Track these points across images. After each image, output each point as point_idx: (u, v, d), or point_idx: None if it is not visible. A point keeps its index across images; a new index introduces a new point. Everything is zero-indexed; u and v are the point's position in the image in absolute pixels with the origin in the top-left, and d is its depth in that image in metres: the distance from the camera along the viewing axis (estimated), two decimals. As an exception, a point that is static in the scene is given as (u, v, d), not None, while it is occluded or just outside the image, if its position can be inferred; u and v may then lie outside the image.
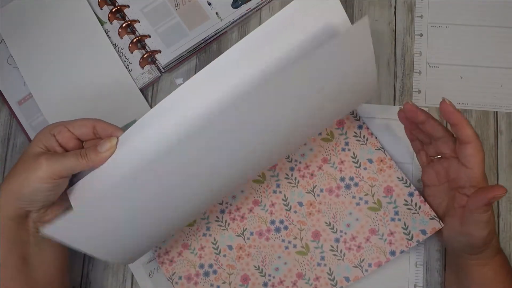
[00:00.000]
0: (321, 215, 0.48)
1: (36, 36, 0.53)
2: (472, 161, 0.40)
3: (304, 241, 0.48)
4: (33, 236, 0.40)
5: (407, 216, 0.47)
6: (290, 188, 0.49)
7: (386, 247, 0.47)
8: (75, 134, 0.40)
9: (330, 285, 0.46)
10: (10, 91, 0.53)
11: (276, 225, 0.48)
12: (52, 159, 0.38)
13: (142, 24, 0.53)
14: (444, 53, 0.53)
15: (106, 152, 0.39)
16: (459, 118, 0.39)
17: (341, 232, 0.47)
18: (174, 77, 0.54)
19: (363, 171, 0.48)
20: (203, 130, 0.35)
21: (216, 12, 0.53)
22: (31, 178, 0.38)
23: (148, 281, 0.48)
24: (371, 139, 0.49)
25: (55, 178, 0.38)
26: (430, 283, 0.48)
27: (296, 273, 0.47)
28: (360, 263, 0.46)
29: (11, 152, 0.52)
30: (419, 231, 0.46)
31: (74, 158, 0.38)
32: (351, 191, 0.48)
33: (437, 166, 0.44)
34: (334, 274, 0.47)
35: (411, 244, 0.46)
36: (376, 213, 0.47)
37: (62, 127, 0.40)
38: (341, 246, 0.47)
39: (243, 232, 0.48)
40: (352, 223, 0.47)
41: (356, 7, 0.54)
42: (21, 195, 0.38)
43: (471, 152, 0.39)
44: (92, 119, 0.41)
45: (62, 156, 0.39)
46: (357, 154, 0.49)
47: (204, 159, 0.37)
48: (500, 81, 0.52)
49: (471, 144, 0.39)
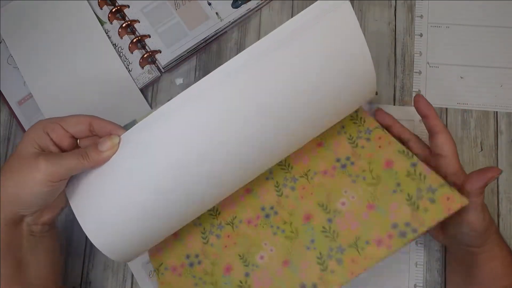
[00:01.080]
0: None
1: (36, 36, 0.53)
2: (446, 148, 0.42)
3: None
4: (26, 239, 0.39)
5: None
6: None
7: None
8: (69, 132, 0.38)
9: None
10: (10, 91, 0.53)
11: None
12: (51, 160, 0.36)
13: (142, 24, 0.53)
14: (444, 53, 0.53)
15: (108, 151, 0.37)
16: (430, 110, 0.43)
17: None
18: (174, 77, 0.54)
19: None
20: (210, 128, 0.35)
21: (216, 12, 0.53)
22: (29, 181, 0.36)
23: (148, 281, 0.48)
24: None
25: (55, 180, 0.36)
26: (430, 283, 0.48)
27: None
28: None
29: (11, 152, 0.52)
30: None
31: (74, 158, 0.37)
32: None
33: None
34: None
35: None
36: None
37: (55, 125, 0.38)
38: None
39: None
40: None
41: (356, 7, 0.54)
42: (18, 199, 0.37)
43: (443, 140, 0.42)
44: (87, 116, 0.39)
45: (61, 156, 0.37)
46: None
47: (214, 155, 0.37)
48: (500, 81, 0.52)
49: (441, 134, 0.42)
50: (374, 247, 0.39)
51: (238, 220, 0.46)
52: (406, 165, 0.41)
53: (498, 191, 0.50)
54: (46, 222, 0.40)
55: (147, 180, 0.37)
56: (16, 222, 0.38)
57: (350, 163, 0.44)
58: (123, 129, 0.39)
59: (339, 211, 0.42)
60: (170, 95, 0.53)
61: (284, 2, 0.55)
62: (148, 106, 0.52)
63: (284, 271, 0.42)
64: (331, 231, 0.41)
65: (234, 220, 0.46)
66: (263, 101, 0.38)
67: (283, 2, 0.55)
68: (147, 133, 0.38)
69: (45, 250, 0.40)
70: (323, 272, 0.40)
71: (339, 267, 0.40)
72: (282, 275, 0.42)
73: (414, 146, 0.46)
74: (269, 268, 0.43)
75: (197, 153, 0.37)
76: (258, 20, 0.55)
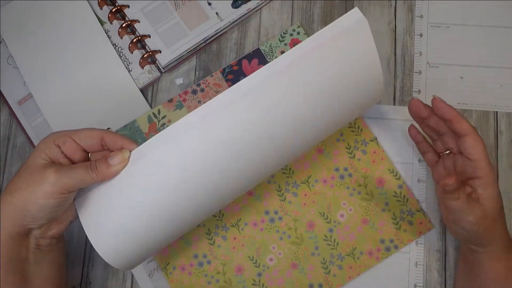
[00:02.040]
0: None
1: (36, 36, 0.53)
2: (474, 152, 0.40)
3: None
4: (32, 253, 0.38)
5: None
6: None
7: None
8: (81, 145, 0.38)
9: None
10: (10, 91, 0.53)
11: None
12: (61, 172, 0.36)
13: (142, 24, 0.53)
14: (444, 53, 0.53)
15: (118, 166, 0.37)
16: (452, 113, 0.41)
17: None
18: (174, 77, 0.54)
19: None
20: (220, 141, 0.36)
21: (216, 12, 0.53)
22: (38, 193, 0.35)
23: (148, 281, 0.48)
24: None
25: (64, 192, 0.36)
26: (430, 283, 0.48)
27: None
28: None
29: (11, 152, 0.52)
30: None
31: (83, 171, 0.36)
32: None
33: (446, 161, 0.44)
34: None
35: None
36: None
37: (67, 138, 0.38)
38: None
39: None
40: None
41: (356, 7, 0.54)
42: (26, 212, 0.36)
43: (471, 144, 0.40)
44: (100, 130, 0.38)
45: (70, 169, 0.36)
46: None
47: (223, 166, 0.38)
48: (500, 81, 0.52)
49: (469, 136, 0.40)
50: (366, 257, 0.48)
51: (243, 222, 0.49)
52: (394, 186, 0.49)
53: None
54: (54, 235, 0.39)
55: (157, 196, 0.37)
56: (23, 236, 0.38)
57: (347, 174, 0.49)
58: (136, 144, 0.39)
59: (339, 222, 0.48)
60: (170, 95, 0.53)
61: (284, 2, 0.55)
62: (148, 106, 0.52)
63: (293, 273, 0.48)
64: (332, 240, 0.48)
65: (239, 223, 0.49)
66: (275, 118, 0.38)
67: (283, 2, 0.55)
68: (159, 150, 0.37)
69: (51, 264, 0.40)
70: (327, 275, 0.48)
71: (340, 272, 0.48)
72: (291, 276, 0.48)
73: (449, 141, 0.43)
74: (279, 269, 0.48)
75: (209, 169, 0.38)
76: (258, 20, 0.55)
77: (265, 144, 0.38)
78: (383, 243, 0.48)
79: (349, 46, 0.39)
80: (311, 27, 0.54)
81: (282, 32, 0.53)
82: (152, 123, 0.50)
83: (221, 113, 0.37)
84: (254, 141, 0.38)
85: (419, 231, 0.48)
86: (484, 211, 0.40)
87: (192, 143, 0.37)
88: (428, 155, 0.46)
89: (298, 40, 0.52)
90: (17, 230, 0.37)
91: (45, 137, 0.38)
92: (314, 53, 0.38)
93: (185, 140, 0.37)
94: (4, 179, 0.52)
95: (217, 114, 0.37)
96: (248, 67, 0.52)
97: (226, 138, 0.37)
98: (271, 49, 0.52)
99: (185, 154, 0.37)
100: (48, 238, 0.39)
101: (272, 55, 0.52)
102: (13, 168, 0.52)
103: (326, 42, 0.38)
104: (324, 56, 0.38)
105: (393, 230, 0.48)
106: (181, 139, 0.37)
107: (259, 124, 0.38)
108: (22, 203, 0.36)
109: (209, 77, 0.52)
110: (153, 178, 0.37)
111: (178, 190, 0.37)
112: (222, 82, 0.51)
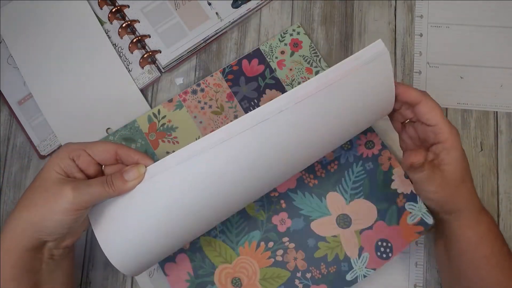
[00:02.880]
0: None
1: (36, 36, 0.53)
2: (430, 118, 0.40)
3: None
4: (46, 264, 0.39)
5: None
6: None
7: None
8: (95, 159, 0.38)
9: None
10: (10, 91, 0.53)
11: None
12: (78, 189, 0.36)
13: (142, 24, 0.53)
14: (444, 53, 0.53)
15: (134, 181, 0.37)
16: (401, 86, 0.41)
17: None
18: (174, 77, 0.54)
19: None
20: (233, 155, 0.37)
21: (216, 12, 0.53)
22: (55, 210, 0.35)
23: (148, 281, 0.48)
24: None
25: (81, 209, 0.36)
26: (430, 283, 0.48)
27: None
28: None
29: (11, 152, 0.52)
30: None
31: (100, 187, 0.36)
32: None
33: (408, 130, 0.44)
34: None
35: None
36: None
37: (81, 151, 0.38)
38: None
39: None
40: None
41: (356, 7, 0.54)
42: (43, 227, 0.36)
43: (425, 110, 0.40)
44: (114, 144, 0.39)
45: (87, 185, 0.36)
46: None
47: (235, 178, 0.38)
48: (500, 81, 0.52)
49: (421, 103, 0.40)
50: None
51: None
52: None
53: (498, 191, 0.50)
54: (67, 245, 0.40)
55: (171, 214, 0.38)
56: (38, 248, 0.38)
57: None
58: (151, 160, 0.39)
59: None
60: (170, 95, 0.53)
61: (284, 2, 0.55)
62: (148, 106, 0.52)
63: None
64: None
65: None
66: (289, 149, 0.39)
67: (283, 2, 0.55)
68: (173, 169, 0.37)
69: (62, 272, 0.41)
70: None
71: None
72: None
73: (406, 112, 0.42)
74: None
75: (223, 193, 0.38)
76: (258, 20, 0.55)
77: (275, 166, 0.39)
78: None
79: (369, 78, 0.39)
80: (311, 27, 0.54)
81: (282, 32, 0.53)
82: (152, 123, 0.50)
83: (239, 140, 0.37)
84: (268, 164, 0.38)
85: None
86: (445, 178, 0.40)
87: (206, 167, 0.37)
88: (395, 123, 0.46)
89: (298, 40, 0.53)
90: (32, 243, 0.37)
91: (59, 150, 0.38)
92: (335, 85, 0.38)
93: (200, 163, 0.37)
94: (4, 179, 0.52)
95: (236, 139, 0.37)
96: (248, 67, 0.52)
97: (240, 164, 0.38)
98: (271, 49, 0.52)
99: (197, 177, 0.37)
100: (62, 249, 0.40)
101: (272, 55, 0.52)
102: (13, 168, 0.52)
103: (347, 73, 0.38)
104: (344, 88, 0.38)
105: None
106: (196, 161, 0.37)
107: (275, 152, 0.38)
108: (39, 219, 0.36)
109: (209, 77, 0.52)
110: (164, 196, 0.38)
111: (187, 211, 0.38)
112: (222, 82, 0.51)
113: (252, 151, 0.38)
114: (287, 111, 0.37)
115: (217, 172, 0.37)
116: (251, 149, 0.37)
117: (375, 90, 0.40)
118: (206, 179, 0.37)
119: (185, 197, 0.38)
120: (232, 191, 0.38)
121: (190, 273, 0.46)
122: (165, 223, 0.38)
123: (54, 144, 0.51)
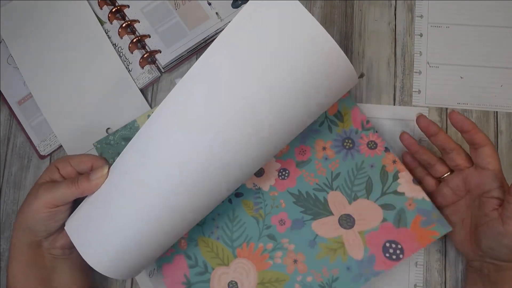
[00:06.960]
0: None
1: (36, 36, 0.53)
2: (492, 162, 0.41)
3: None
4: (49, 261, 0.42)
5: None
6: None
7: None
8: (76, 169, 0.43)
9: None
10: (10, 91, 0.53)
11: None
12: (47, 189, 0.40)
13: (142, 24, 0.53)
14: (444, 53, 0.53)
15: (98, 180, 0.40)
16: (471, 124, 0.42)
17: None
18: (174, 77, 0.54)
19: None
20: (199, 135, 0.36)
21: (216, 12, 0.53)
22: (32, 208, 0.40)
23: (148, 281, 0.48)
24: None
25: (50, 207, 0.40)
26: (430, 283, 0.48)
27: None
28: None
29: (11, 152, 0.52)
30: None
31: (65, 186, 0.40)
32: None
33: (452, 182, 0.44)
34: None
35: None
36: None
37: (66, 162, 0.42)
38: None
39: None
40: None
41: (356, 7, 0.54)
42: (30, 225, 0.41)
43: (489, 153, 0.41)
44: (91, 157, 0.43)
45: (55, 185, 0.40)
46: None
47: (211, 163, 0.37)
48: (500, 81, 0.52)
49: (488, 146, 0.41)
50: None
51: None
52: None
53: (498, 191, 0.50)
54: (63, 246, 0.43)
55: (141, 207, 0.38)
56: (37, 246, 0.42)
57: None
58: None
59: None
60: (170, 95, 0.53)
61: (284, 2, 0.55)
62: (148, 106, 0.52)
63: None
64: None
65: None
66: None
67: (283, 2, 0.55)
68: (129, 162, 0.40)
69: (70, 269, 0.43)
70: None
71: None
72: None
73: (457, 157, 0.43)
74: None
75: (189, 178, 0.38)
76: (258, 20, 0.55)
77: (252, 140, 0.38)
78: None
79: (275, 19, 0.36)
80: (311, 27, 0.54)
81: (282, 32, 0.53)
82: (152, 123, 0.50)
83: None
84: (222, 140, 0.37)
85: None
86: None
87: (163, 154, 0.38)
88: (427, 180, 0.46)
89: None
90: (30, 240, 0.41)
91: (52, 162, 0.44)
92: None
93: (155, 148, 0.38)
94: (4, 179, 0.52)
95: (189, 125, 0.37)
96: (248, 67, 0.52)
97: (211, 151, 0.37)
98: (271, 49, 0.52)
99: (157, 168, 0.38)
100: (59, 249, 0.42)
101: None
102: (13, 168, 0.52)
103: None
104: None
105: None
106: (150, 146, 0.38)
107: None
108: (25, 219, 0.41)
109: (209, 77, 0.52)
110: (133, 190, 0.39)
111: (159, 201, 0.38)
112: (222, 82, 0.51)
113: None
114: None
115: (178, 163, 0.37)
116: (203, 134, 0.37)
117: (295, 31, 0.35)
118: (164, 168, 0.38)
119: (148, 192, 0.38)
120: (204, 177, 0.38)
121: (187, 275, 0.46)
122: (141, 218, 0.38)
123: (54, 144, 0.51)
